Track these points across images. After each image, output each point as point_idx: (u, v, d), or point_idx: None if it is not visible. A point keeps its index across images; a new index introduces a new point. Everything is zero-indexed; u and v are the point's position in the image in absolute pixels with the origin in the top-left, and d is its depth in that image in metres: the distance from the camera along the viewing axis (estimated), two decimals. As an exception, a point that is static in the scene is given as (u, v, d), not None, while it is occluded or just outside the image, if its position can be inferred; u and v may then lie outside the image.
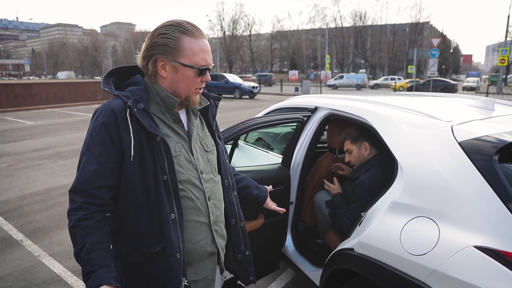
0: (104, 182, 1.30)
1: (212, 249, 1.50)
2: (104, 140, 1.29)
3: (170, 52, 1.34)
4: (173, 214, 1.35)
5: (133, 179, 1.32)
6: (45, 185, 6.09)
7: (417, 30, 66.14)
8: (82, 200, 1.28)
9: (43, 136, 10.66)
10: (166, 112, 1.42)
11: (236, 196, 1.66)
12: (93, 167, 1.28)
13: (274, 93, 30.82)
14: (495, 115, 2.07)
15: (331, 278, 2.15)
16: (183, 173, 1.40)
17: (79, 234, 1.26)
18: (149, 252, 1.35)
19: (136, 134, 1.30)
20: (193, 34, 1.35)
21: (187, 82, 1.39)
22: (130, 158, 1.30)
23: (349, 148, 2.66)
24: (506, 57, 27.13)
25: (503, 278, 1.34)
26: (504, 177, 1.51)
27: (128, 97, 1.33)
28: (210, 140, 1.57)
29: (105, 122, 1.30)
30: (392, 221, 1.76)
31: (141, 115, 1.30)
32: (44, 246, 3.97)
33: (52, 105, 19.34)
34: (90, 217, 1.28)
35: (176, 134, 1.43)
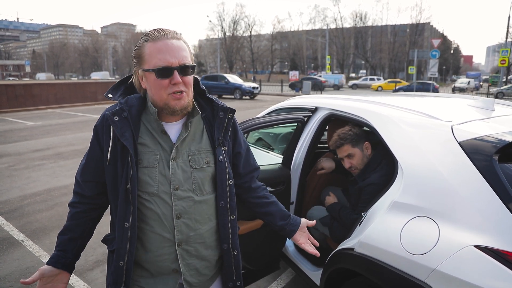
0: (89, 177, 1.46)
1: (175, 266, 1.44)
2: (93, 141, 1.44)
3: (139, 62, 1.36)
4: (127, 223, 1.37)
5: (108, 180, 1.43)
6: (45, 185, 6.10)
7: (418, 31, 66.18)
8: (75, 189, 1.51)
9: (44, 137, 10.67)
10: (154, 121, 1.40)
11: (233, 221, 1.52)
12: (83, 163, 1.48)
13: (274, 94, 30.83)
14: (495, 115, 2.08)
15: (332, 278, 2.16)
16: (153, 185, 1.38)
17: (68, 214, 1.51)
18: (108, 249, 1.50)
19: (114, 141, 1.37)
20: (153, 39, 1.31)
21: (155, 88, 1.33)
22: (106, 161, 1.39)
23: (351, 153, 2.51)
24: (506, 58, 27.16)
25: (503, 278, 1.34)
26: (504, 177, 1.52)
27: (121, 104, 1.38)
28: (204, 157, 1.45)
29: (97, 125, 1.43)
30: (392, 221, 1.76)
31: (119, 123, 1.34)
32: (45, 246, 3.97)
33: (53, 105, 19.35)
34: (76, 206, 1.49)
35: (157, 145, 1.39)
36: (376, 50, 72.27)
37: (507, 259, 1.37)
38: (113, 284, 1.43)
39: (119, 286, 1.41)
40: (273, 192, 2.57)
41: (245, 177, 1.64)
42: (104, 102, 21.85)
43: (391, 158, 1.99)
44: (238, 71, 78.61)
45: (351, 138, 2.50)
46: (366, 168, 2.50)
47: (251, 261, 2.61)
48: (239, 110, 17.69)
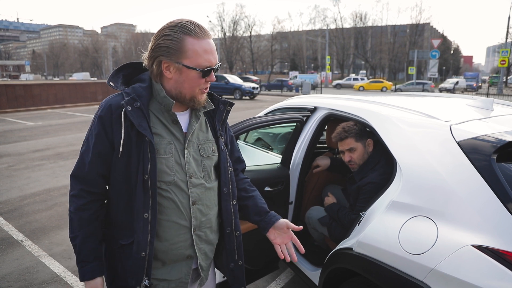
0: (97, 171, 1.39)
1: (189, 252, 1.49)
2: (99, 133, 1.36)
3: (173, 54, 1.34)
4: (147, 214, 1.36)
5: (118, 173, 1.39)
6: (45, 185, 6.10)
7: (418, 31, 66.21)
8: (80, 187, 1.40)
9: (44, 137, 10.67)
10: (165, 112, 1.43)
11: (235, 205, 1.61)
12: (88, 158, 1.38)
13: (274, 94, 30.83)
14: (494, 115, 2.08)
15: (330, 278, 2.16)
16: (170, 174, 1.41)
17: (76, 223, 1.40)
18: (120, 243, 1.43)
19: (127, 131, 1.35)
20: (196, 35, 1.34)
21: (191, 83, 1.39)
22: (118, 153, 1.35)
23: (353, 147, 2.51)
24: (506, 58, 27.15)
25: (502, 277, 1.34)
26: (503, 176, 1.52)
27: (128, 94, 1.36)
28: (211, 146, 1.54)
29: (102, 116, 1.36)
30: (391, 221, 1.76)
31: (134, 113, 1.33)
32: (44, 246, 3.97)
33: (53, 106, 19.36)
34: (87, 208, 1.40)
35: (170, 135, 1.43)
36: (376, 50, 72.24)
37: (505, 258, 1.37)
38: (133, 277, 1.40)
39: (141, 278, 1.39)
40: (271, 192, 2.57)
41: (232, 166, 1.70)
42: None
43: (389, 157, 1.99)
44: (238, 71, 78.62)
45: (356, 132, 2.51)
46: (364, 166, 2.50)
47: (250, 260, 2.61)
48: (239, 110, 17.69)
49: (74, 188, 1.41)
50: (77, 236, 1.40)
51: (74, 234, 1.40)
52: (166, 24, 1.38)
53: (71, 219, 1.42)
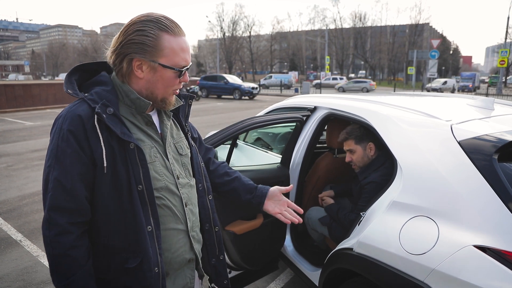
0: (83, 197, 1.19)
1: (190, 255, 1.44)
2: (75, 151, 1.16)
3: (148, 51, 1.23)
4: (150, 226, 1.25)
5: (105, 191, 1.21)
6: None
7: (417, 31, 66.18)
8: (65, 220, 1.16)
9: (43, 137, 10.64)
10: (138, 114, 1.31)
11: (211, 201, 1.57)
12: (68, 182, 1.16)
13: (273, 94, 30.83)
14: (494, 115, 2.07)
15: (330, 278, 2.15)
16: (160, 180, 1.31)
17: (67, 266, 1.16)
18: (124, 268, 1.25)
19: (107, 143, 1.19)
20: (173, 32, 1.25)
21: (165, 84, 1.29)
22: (103, 169, 1.19)
23: (352, 148, 2.55)
24: (505, 58, 27.15)
25: (503, 278, 1.33)
26: (504, 176, 1.51)
27: (95, 101, 1.20)
28: (185, 142, 1.49)
29: (72, 130, 1.16)
30: (391, 221, 1.75)
31: (111, 121, 1.19)
32: (42, 247, 3.94)
33: (52, 105, 19.34)
34: (78, 244, 1.18)
35: (149, 138, 1.33)
36: (375, 50, 72.25)
37: (507, 259, 1.36)
38: None
39: None
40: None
41: (204, 157, 1.69)
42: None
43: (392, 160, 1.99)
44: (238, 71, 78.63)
45: (356, 135, 2.54)
46: (368, 167, 2.51)
47: (250, 261, 2.60)
48: (239, 110, 17.69)
49: (57, 224, 1.15)
50: (72, 282, 1.16)
51: (68, 281, 1.16)
52: (137, 18, 1.26)
53: (58, 264, 1.16)
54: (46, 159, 1.21)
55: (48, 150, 1.21)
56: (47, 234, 1.16)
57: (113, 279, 1.27)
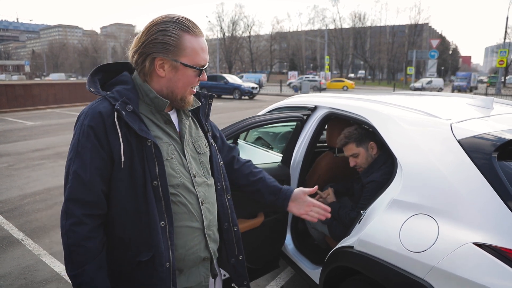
0: (99, 190, 1.24)
1: (205, 254, 1.45)
2: (94, 146, 1.22)
3: (170, 50, 1.27)
4: (163, 222, 1.28)
5: (121, 186, 1.26)
6: (45, 184, 6.10)
7: (416, 31, 66.18)
8: (81, 212, 1.21)
9: (43, 136, 10.65)
10: (157, 113, 1.36)
11: (229, 199, 1.59)
12: (86, 175, 1.21)
13: (273, 94, 30.83)
14: (494, 114, 2.08)
15: (331, 276, 2.16)
16: (176, 177, 1.34)
17: (80, 256, 1.20)
18: (137, 261, 1.29)
19: (126, 139, 1.23)
20: (193, 32, 1.30)
21: (185, 82, 1.34)
22: (120, 164, 1.23)
23: (355, 152, 2.52)
24: (504, 58, 27.18)
25: (502, 275, 1.35)
26: (503, 174, 1.52)
27: (115, 99, 1.25)
28: (203, 142, 1.51)
29: (93, 126, 1.22)
30: (392, 219, 1.77)
31: (130, 118, 1.23)
32: (44, 245, 3.97)
33: (52, 105, 19.34)
34: (93, 236, 1.22)
35: (167, 136, 1.36)
36: (375, 50, 72.25)
37: (506, 256, 1.37)
38: None
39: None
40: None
41: (225, 157, 1.70)
42: (103, 102, 21.76)
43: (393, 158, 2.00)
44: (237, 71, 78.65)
45: (355, 137, 2.52)
46: (370, 167, 2.51)
47: (251, 259, 2.61)
48: (239, 110, 17.69)
49: (73, 215, 1.20)
50: (84, 272, 1.20)
51: (79, 270, 1.20)
52: (159, 19, 1.30)
53: (72, 253, 1.20)
54: (68, 152, 1.27)
55: (70, 145, 1.27)
56: (64, 224, 1.21)
57: (127, 272, 1.31)
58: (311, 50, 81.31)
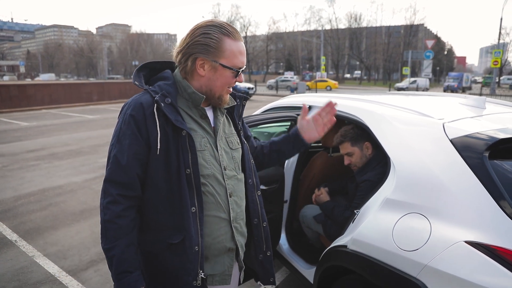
0: (134, 173, 1.35)
1: (231, 245, 1.51)
2: (133, 133, 1.34)
3: (211, 52, 1.38)
4: (194, 208, 1.37)
5: (157, 172, 1.37)
6: (39, 185, 6.07)
7: (412, 32, 66.48)
8: (117, 192, 1.33)
9: (38, 137, 10.61)
10: (193, 107, 1.46)
11: (260, 196, 1.67)
12: (124, 159, 1.33)
13: (269, 94, 30.84)
14: (486, 113, 2.10)
15: (325, 276, 2.16)
16: (207, 167, 1.43)
17: (113, 232, 1.33)
18: (168, 243, 1.39)
19: (163, 128, 1.35)
20: (233, 36, 1.40)
21: (223, 82, 1.44)
22: (156, 151, 1.34)
23: (350, 151, 2.55)
24: (499, 59, 27.34)
25: (494, 272, 1.36)
26: (495, 173, 1.53)
27: (156, 92, 1.37)
28: (236, 138, 1.60)
29: (134, 115, 1.34)
30: (385, 218, 1.78)
31: (168, 109, 1.35)
32: (38, 246, 3.95)
33: (48, 106, 19.25)
34: (125, 215, 1.34)
35: (202, 129, 1.46)
36: (370, 51, 72.45)
37: (497, 254, 1.38)
38: (189, 273, 1.37)
39: (196, 272, 1.38)
40: (266, 191, 2.58)
41: (257, 151, 1.81)
42: (98, 103, 21.75)
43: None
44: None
45: (351, 136, 2.54)
46: (365, 166, 2.52)
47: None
48: (235, 110, 17.62)
49: (110, 194, 1.34)
50: (115, 246, 1.32)
51: (112, 244, 1.32)
52: (202, 23, 1.41)
53: (106, 229, 1.33)
54: (111, 138, 1.41)
55: (114, 131, 1.40)
56: (102, 202, 1.36)
57: (158, 253, 1.42)
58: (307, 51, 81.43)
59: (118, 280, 1.33)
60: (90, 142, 9.84)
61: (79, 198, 5.50)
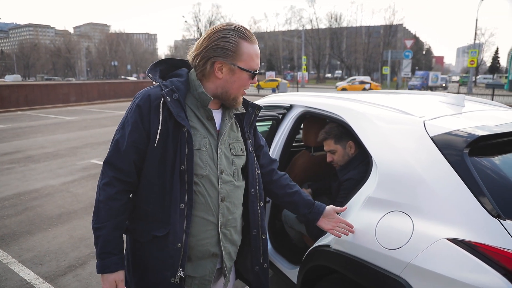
0: (131, 160, 1.40)
1: (215, 250, 1.50)
2: (136, 122, 1.38)
3: (230, 55, 1.41)
4: (183, 204, 1.39)
5: (152, 163, 1.41)
6: (15, 189, 5.88)
7: (391, 32, 67.62)
8: (112, 174, 1.40)
9: (13, 140, 10.30)
10: (201, 107, 1.48)
11: (262, 207, 1.65)
12: (123, 145, 1.39)
13: (251, 94, 30.85)
14: (465, 111, 2.12)
15: (309, 276, 2.15)
16: (203, 168, 1.44)
17: (104, 212, 1.39)
18: (153, 235, 1.42)
19: (165, 121, 1.38)
20: (250, 40, 1.44)
21: (240, 84, 1.47)
22: (154, 142, 1.38)
23: (332, 149, 2.54)
24: (475, 58, 28.06)
25: (475, 269, 1.36)
26: (475, 170, 1.54)
27: (166, 87, 1.41)
28: (241, 146, 1.59)
29: (140, 105, 1.39)
30: (367, 216, 1.77)
31: (173, 104, 1.37)
32: (13, 253, 3.82)
33: (23, 107, 18.76)
34: (118, 198, 1.40)
35: (205, 130, 1.48)
36: (351, 50, 73.37)
37: (478, 250, 1.39)
38: (168, 268, 1.41)
39: (176, 269, 1.40)
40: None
41: (266, 168, 1.77)
42: (76, 104, 21.32)
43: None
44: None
45: (335, 134, 2.53)
46: (346, 166, 2.51)
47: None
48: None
49: (106, 176, 1.41)
50: (104, 227, 1.39)
51: (101, 224, 1.39)
52: (219, 27, 1.44)
53: (98, 208, 1.40)
54: (119, 123, 1.46)
55: (122, 118, 1.46)
56: (99, 182, 1.43)
57: (144, 243, 1.46)
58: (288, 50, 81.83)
59: (102, 259, 1.40)
60: (68, 144, 9.61)
61: (56, 201, 5.35)
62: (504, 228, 1.39)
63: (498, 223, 1.41)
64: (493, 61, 76.79)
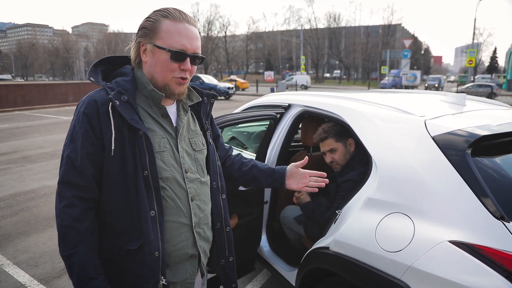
0: (90, 174, 1.27)
1: (193, 251, 1.44)
2: (86, 132, 1.26)
3: (148, 34, 1.31)
4: (153, 212, 1.30)
5: (112, 174, 1.29)
6: (11, 190, 5.82)
7: (390, 31, 67.57)
8: (72, 194, 1.25)
9: (10, 140, 10.24)
10: (154, 106, 1.38)
11: (224, 200, 1.60)
12: (77, 160, 1.25)
13: (249, 94, 30.83)
14: (466, 110, 2.08)
15: (307, 278, 2.11)
16: (167, 170, 1.35)
17: (71, 237, 1.25)
18: (126, 249, 1.31)
19: (118, 128, 1.26)
20: (173, 18, 1.31)
21: (162, 67, 1.32)
22: (110, 152, 1.26)
23: (333, 147, 2.48)
24: (473, 58, 28.10)
25: (478, 272, 1.33)
26: (477, 171, 1.50)
27: (112, 89, 1.29)
28: (201, 139, 1.51)
29: (87, 113, 1.26)
30: (367, 218, 1.73)
31: (123, 107, 1.26)
32: (8, 254, 3.77)
33: (21, 107, 18.67)
34: (83, 218, 1.26)
35: (162, 129, 1.38)
36: (349, 50, 73.33)
37: (481, 253, 1.35)
38: (149, 280, 1.30)
39: (157, 279, 1.32)
40: (246, 192, 2.51)
41: (223, 157, 1.74)
42: (74, 103, 21.22)
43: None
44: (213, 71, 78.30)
45: (335, 132, 2.48)
46: (346, 166, 2.47)
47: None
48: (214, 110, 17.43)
49: (65, 197, 1.25)
50: (75, 253, 1.24)
51: (72, 251, 1.24)
52: None
53: (64, 234, 1.25)
54: (65, 138, 1.32)
55: (68, 130, 1.32)
56: (58, 205, 1.27)
57: (117, 260, 1.33)
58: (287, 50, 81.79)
59: (81, 286, 1.24)
60: (66, 144, 9.54)
61: (53, 202, 5.25)
62: (508, 230, 1.36)
63: (502, 225, 1.37)
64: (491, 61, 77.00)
